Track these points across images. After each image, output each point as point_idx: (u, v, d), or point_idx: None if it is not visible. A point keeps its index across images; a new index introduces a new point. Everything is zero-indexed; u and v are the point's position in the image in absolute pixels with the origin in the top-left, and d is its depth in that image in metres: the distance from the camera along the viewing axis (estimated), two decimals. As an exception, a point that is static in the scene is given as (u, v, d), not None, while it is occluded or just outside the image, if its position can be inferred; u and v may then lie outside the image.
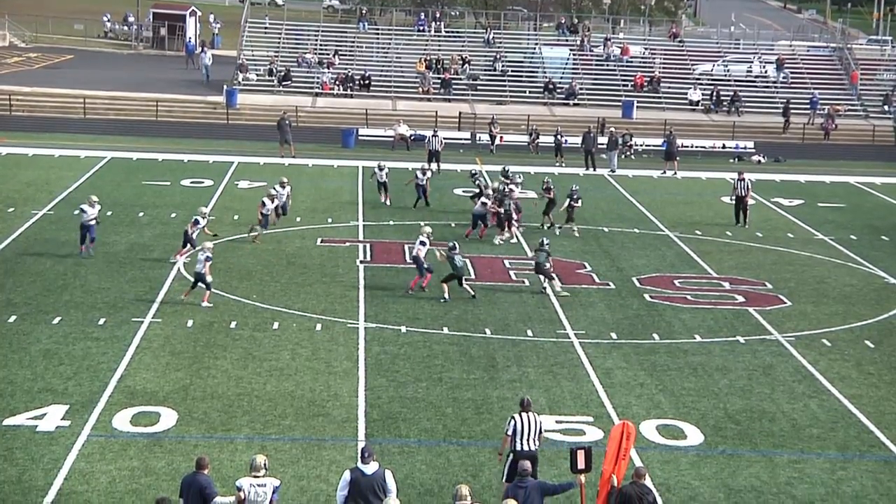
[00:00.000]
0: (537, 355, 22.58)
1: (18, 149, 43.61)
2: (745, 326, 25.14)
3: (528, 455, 15.58)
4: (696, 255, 31.69)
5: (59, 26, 77.69)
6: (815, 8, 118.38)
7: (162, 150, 45.08)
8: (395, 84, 58.40)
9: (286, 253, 29.88)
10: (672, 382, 21.38)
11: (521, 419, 15.73)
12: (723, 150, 52.05)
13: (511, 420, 15.82)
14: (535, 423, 15.78)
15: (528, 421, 15.74)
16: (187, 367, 21.11)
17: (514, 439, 15.68)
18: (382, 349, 22.53)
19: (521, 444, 15.67)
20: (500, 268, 29.35)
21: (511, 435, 15.68)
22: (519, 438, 15.66)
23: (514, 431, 15.67)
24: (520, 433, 15.67)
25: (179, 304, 24.86)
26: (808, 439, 19.11)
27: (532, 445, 15.72)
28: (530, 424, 15.72)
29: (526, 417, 15.77)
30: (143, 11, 79.10)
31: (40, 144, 44.56)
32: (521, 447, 15.66)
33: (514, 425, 15.70)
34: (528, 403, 16.00)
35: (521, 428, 15.67)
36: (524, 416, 15.79)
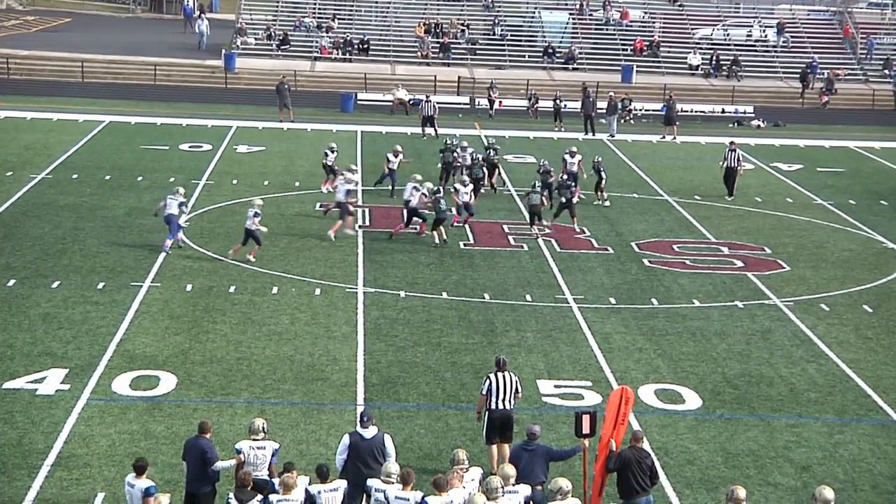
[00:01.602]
0: (536, 320, 22.58)
1: (16, 112, 43.43)
2: (744, 291, 25.13)
3: (503, 414, 15.71)
4: (694, 220, 31.63)
5: (57, -11, 77.17)
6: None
7: (160, 114, 44.90)
8: (394, 48, 58.08)
9: (285, 217, 29.81)
10: (670, 347, 21.39)
11: (496, 379, 15.83)
12: (722, 114, 51.85)
13: (486, 380, 15.92)
14: (511, 382, 15.87)
15: (503, 380, 15.84)
16: (186, 331, 21.10)
17: (490, 398, 15.77)
18: (381, 314, 22.52)
19: (497, 403, 15.75)
20: (499, 232, 29.29)
21: (486, 394, 15.77)
22: (494, 398, 15.75)
23: (489, 391, 15.78)
24: (495, 392, 15.76)
25: (179, 268, 24.83)
26: (806, 403, 19.14)
27: (507, 405, 15.80)
28: (505, 384, 15.82)
29: (501, 377, 15.87)
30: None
31: (38, 108, 44.37)
32: (496, 406, 15.75)
33: (488, 385, 15.80)
34: (504, 363, 16.09)
35: (495, 387, 15.76)
36: (499, 375, 15.88)
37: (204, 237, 27.44)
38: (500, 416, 15.75)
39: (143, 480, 13.16)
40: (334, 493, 13.24)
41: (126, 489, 13.27)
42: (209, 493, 13.98)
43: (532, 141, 42.55)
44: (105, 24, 68.72)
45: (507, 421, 15.82)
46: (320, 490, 13.18)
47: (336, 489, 13.27)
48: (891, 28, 63.31)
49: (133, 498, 13.14)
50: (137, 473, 13.22)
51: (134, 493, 13.13)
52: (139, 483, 13.13)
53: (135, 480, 13.19)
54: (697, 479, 16.26)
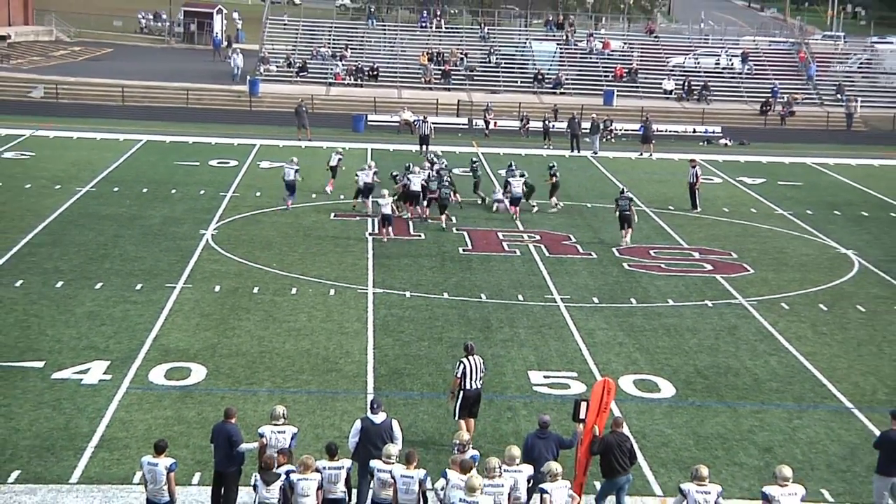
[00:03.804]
0: (527, 318, 22.55)
1: (64, 132, 43.42)
2: (713, 292, 25.10)
3: (475, 393, 16.01)
4: (669, 228, 31.61)
5: (100, 23, 77.34)
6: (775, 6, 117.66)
7: (192, 133, 44.89)
8: (401, 75, 58.11)
9: (303, 226, 29.79)
10: (647, 341, 21.36)
11: (468, 362, 15.96)
12: (693, 134, 51.83)
13: (460, 364, 16.04)
14: (479, 365, 16.12)
15: (473, 363, 16.04)
16: (215, 327, 21.07)
17: (464, 380, 15.95)
18: (389, 312, 22.50)
19: (470, 383, 15.98)
20: (495, 240, 29.27)
21: (460, 377, 15.88)
22: (468, 379, 15.92)
23: (463, 374, 15.95)
24: (468, 375, 15.93)
25: (208, 271, 24.81)
26: (768, 392, 19.11)
27: (477, 384, 16.07)
28: (475, 367, 16.04)
29: (472, 360, 16.08)
30: (174, 9, 78.61)
31: (83, 129, 44.36)
32: (469, 386, 15.98)
33: (462, 368, 15.98)
34: (472, 348, 16.29)
35: (468, 370, 15.93)
36: (470, 359, 16.09)
37: (231, 243, 27.43)
38: (473, 394, 16.04)
39: (164, 458, 13.05)
40: (338, 470, 13.21)
41: (146, 468, 13.04)
42: (235, 472, 13.95)
43: (524, 157, 42.52)
44: (143, 53, 68.75)
45: (478, 399, 16.14)
46: (325, 466, 13.15)
47: (340, 467, 13.23)
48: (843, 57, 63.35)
49: (156, 475, 12.99)
50: (158, 452, 13.08)
51: (157, 470, 12.95)
52: (162, 461, 13.01)
53: (156, 459, 13.04)
54: (671, 460, 16.23)
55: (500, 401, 18.07)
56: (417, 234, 29.34)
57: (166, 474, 12.97)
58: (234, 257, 26.20)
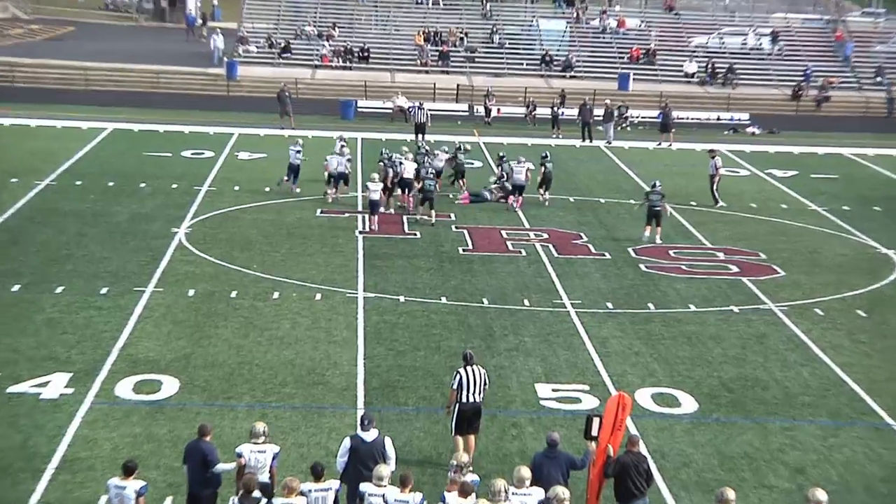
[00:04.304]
0: (534, 324, 22.58)
1: (21, 120, 43.42)
2: (739, 296, 25.13)
3: (473, 407, 15.92)
4: (690, 225, 31.65)
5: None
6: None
7: (163, 121, 44.90)
8: (394, 56, 58.11)
9: (286, 223, 29.82)
10: (667, 351, 21.39)
11: (465, 373, 15.95)
12: (718, 122, 51.86)
13: (457, 374, 16.02)
14: (480, 375, 16.03)
15: (472, 374, 15.97)
16: (188, 335, 21.09)
17: (460, 392, 15.92)
18: (381, 318, 22.52)
19: (467, 396, 15.91)
20: (498, 238, 29.31)
21: (457, 388, 15.86)
22: (465, 391, 15.85)
23: (460, 385, 15.91)
24: (465, 386, 15.90)
25: (181, 274, 24.83)
26: (800, 407, 19.14)
27: (477, 398, 15.98)
28: (475, 377, 15.98)
29: (471, 370, 16.01)
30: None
31: (43, 115, 44.35)
32: (466, 399, 15.92)
33: (459, 379, 15.94)
34: (471, 357, 16.22)
35: (465, 381, 15.90)
36: (469, 369, 16.02)
37: (206, 243, 27.45)
38: (470, 408, 15.97)
39: (133, 481, 13.03)
40: (325, 493, 13.23)
41: (113, 492, 13.01)
42: (211, 495, 13.97)
43: (530, 148, 42.54)
44: (108, 32, 68.74)
45: (477, 413, 16.05)
46: (311, 489, 13.17)
47: (327, 490, 13.25)
48: (884, 36, 63.38)
49: (124, 499, 12.95)
50: (126, 474, 13.06)
51: (125, 494, 12.93)
52: (130, 483, 13.00)
53: (124, 482, 13.02)
54: (693, 482, 16.26)
55: (503, 416, 18.10)
56: (412, 232, 29.38)
57: (135, 498, 12.99)
58: (209, 258, 26.21)
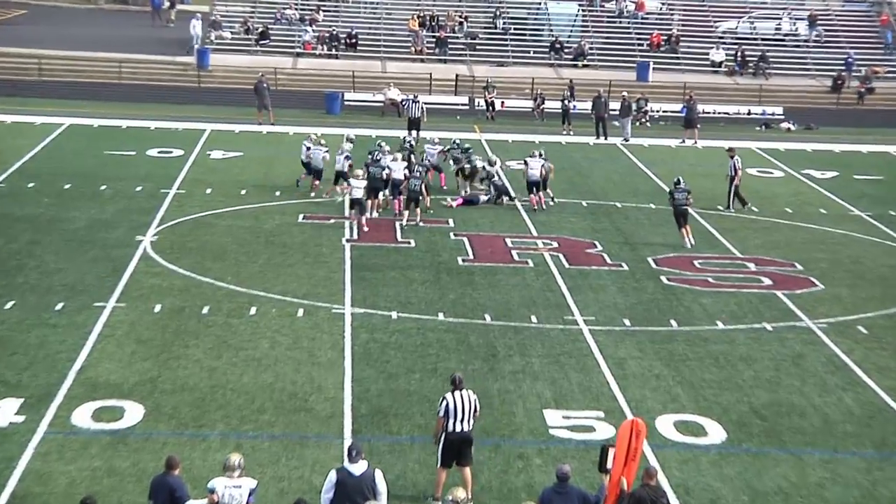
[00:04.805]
0: (542, 344, 22.61)
1: (-33, 115, 43.52)
2: (773, 312, 25.17)
3: (461, 437, 15.90)
4: (717, 232, 31.70)
5: (12, -22, 77.30)
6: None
7: (126, 116, 44.94)
8: (385, 43, 58.22)
9: (264, 230, 29.84)
10: (691, 374, 21.41)
11: (453, 399, 15.96)
12: (748, 116, 51.99)
13: (443, 400, 16.05)
14: (470, 402, 16.03)
15: (461, 400, 15.98)
16: (155, 356, 21.10)
17: (447, 420, 15.91)
18: (371, 337, 22.54)
19: (454, 425, 15.91)
20: (502, 247, 29.34)
21: (444, 416, 15.86)
22: (452, 419, 15.86)
23: (447, 412, 15.91)
24: (453, 414, 15.89)
25: (147, 287, 24.84)
26: (842, 436, 19.15)
27: (466, 426, 15.97)
28: (464, 404, 15.98)
29: (459, 396, 16.02)
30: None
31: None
32: (454, 428, 15.92)
33: (446, 406, 15.96)
34: (461, 381, 16.25)
35: (453, 408, 15.90)
36: (457, 394, 16.04)
37: (175, 252, 27.47)
38: (458, 438, 15.95)
39: None
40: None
41: None
42: (180, 535, 13.97)
43: (537, 145, 42.58)
44: (65, 16, 68.84)
45: (466, 443, 16.04)
46: None
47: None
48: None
49: None
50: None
51: None
52: None
53: None
54: (721, 521, 16.27)
55: (508, 447, 18.11)
56: (406, 240, 29.42)
57: None
58: (178, 269, 26.23)
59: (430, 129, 42.67)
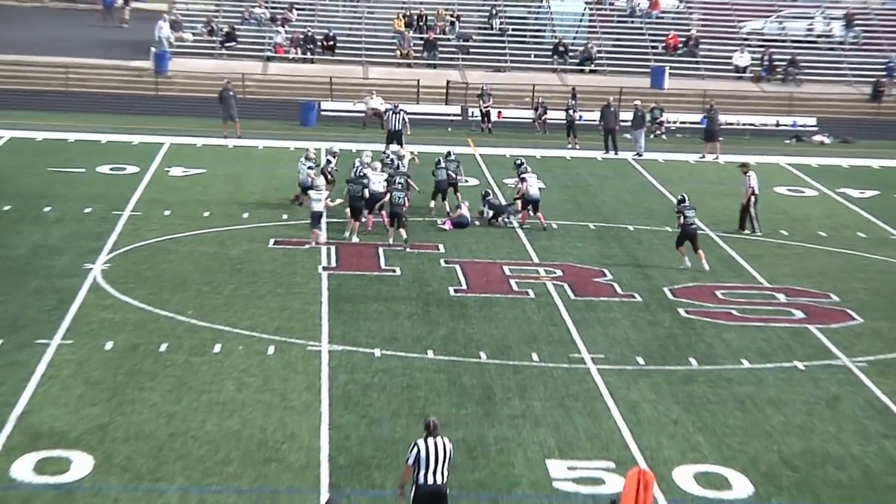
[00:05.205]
0: (545, 385, 22.62)
1: None
2: (805, 349, 25.22)
3: (434, 490, 15.84)
4: (742, 259, 31.77)
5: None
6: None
7: (74, 128, 44.98)
8: (367, 46, 58.40)
9: (231, 257, 29.86)
10: (713, 419, 21.42)
11: (426, 446, 15.92)
12: (777, 128, 52.20)
13: (414, 447, 16.00)
14: (444, 450, 15.98)
15: (434, 448, 15.94)
16: (106, 400, 21.06)
17: (418, 470, 15.89)
18: (351, 378, 22.53)
19: (426, 476, 15.85)
20: (499, 275, 29.38)
21: (413, 465, 15.86)
22: (423, 469, 15.84)
23: (418, 461, 15.87)
24: (424, 463, 15.85)
25: (97, 322, 24.82)
26: (884, 490, 19.17)
27: (440, 478, 15.93)
28: (437, 452, 15.92)
29: (433, 444, 15.97)
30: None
31: (-80, 121, 44.48)
32: (425, 480, 15.85)
33: (416, 453, 15.92)
34: (435, 426, 16.18)
35: (425, 457, 15.87)
36: (430, 441, 15.98)
37: (129, 282, 27.46)
38: (430, 491, 15.87)
39: None
40: None
41: None
42: None
43: (539, 160, 42.73)
44: (3, 15, 68.90)
45: (439, 498, 15.96)
46: None
47: None
48: None
49: None
50: None
51: None
52: None
53: None
54: (748, 585, 16.28)
55: (507, 501, 18.10)
56: (391, 268, 29.46)
57: None
58: (133, 302, 26.23)
59: (416, 142, 42.70)
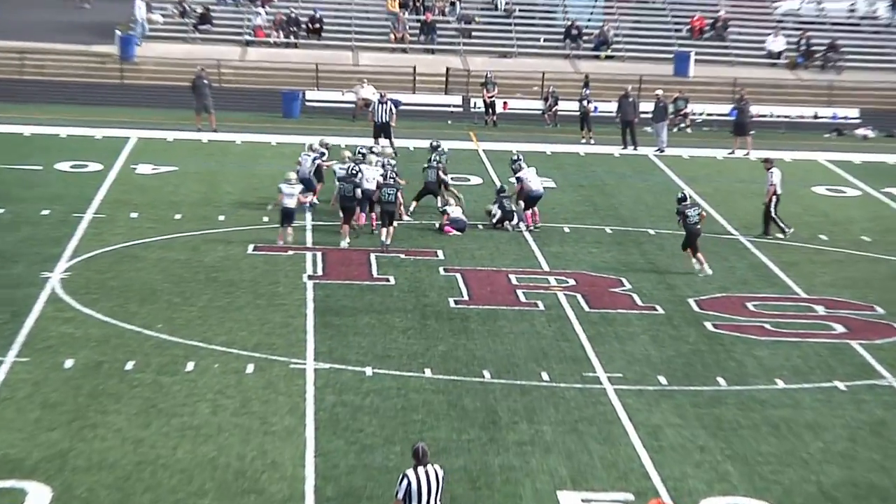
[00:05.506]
0: (556, 407, 22.62)
1: None
2: (847, 367, 25.23)
3: None
4: (777, 266, 31.79)
5: None
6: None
7: (30, 120, 44.97)
8: (357, 29, 58.43)
9: (205, 265, 29.86)
10: (744, 445, 21.43)
11: (416, 476, 15.95)
12: (815, 120, 52.19)
13: (403, 478, 16.02)
14: (437, 479, 16.03)
15: (426, 478, 15.98)
16: (65, 424, 21.06)
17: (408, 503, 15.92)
18: (339, 399, 22.53)
19: None
20: (504, 285, 29.39)
21: (404, 498, 15.89)
22: (416, 503, 15.86)
23: (409, 494, 15.89)
24: (416, 495, 15.87)
25: (56, 337, 24.80)
26: (934, 524, 19.22)
27: None
28: (429, 482, 15.97)
29: (423, 473, 16.00)
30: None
31: None
32: None
33: (406, 486, 15.93)
34: (425, 454, 16.20)
35: (416, 489, 15.90)
36: (420, 471, 16.01)
37: (91, 293, 27.47)
38: None
39: None
40: None
41: None
42: None
43: (549, 157, 42.75)
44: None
45: None
46: None
47: None
48: None
49: None
50: None
51: None
52: None
53: None
54: None
55: (513, 538, 18.15)
56: (384, 277, 29.47)
57: None
58: (96, 314, 26.23)
59: (413, 137, 42.74)
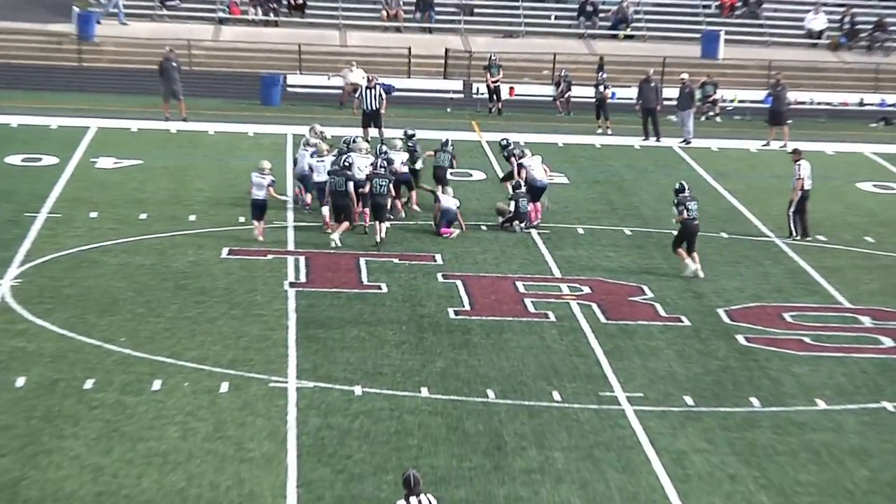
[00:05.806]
0: (568, 431, 22.60)
1: None
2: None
3: None
4: (817, 272, 31.77)
5: None
6: None
7: (-23, 108, 45.11)
8: (345, 6, 58.43)
9: (174, 271, 29.85)
10: (781, 474, 21.41)
11: None
12: (860, 108, 52.18)
13: None
14: None
15: None
16: (17, 450, 21.05)
17: None
18: (325, 422, 22.52)
19: None
20: (511, 293, 29.37)
21: None
22: None
23: None
24: None
25: (5, 351, 24.80)
26: None
27: None
28: None
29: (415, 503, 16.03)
30: None
31: None
32: None
33: None
34: (417, 482, 16.38)
35: None
36: (412, 502, 16.20)
37: (45, 302, 27.45)
38: None
39: None
40: None
41: None
42: None
43: (561, 149, 42.75)
44: None
45: None
46: None
47: None
48: None
49: None
50: None
51: None
52: None
53: None
54: None
55: (521, 579, 18.13)
56: (375, 284, 29.43)
57: None
58: (50, 326, 26.21)
59: (408, 126, 42.67)
